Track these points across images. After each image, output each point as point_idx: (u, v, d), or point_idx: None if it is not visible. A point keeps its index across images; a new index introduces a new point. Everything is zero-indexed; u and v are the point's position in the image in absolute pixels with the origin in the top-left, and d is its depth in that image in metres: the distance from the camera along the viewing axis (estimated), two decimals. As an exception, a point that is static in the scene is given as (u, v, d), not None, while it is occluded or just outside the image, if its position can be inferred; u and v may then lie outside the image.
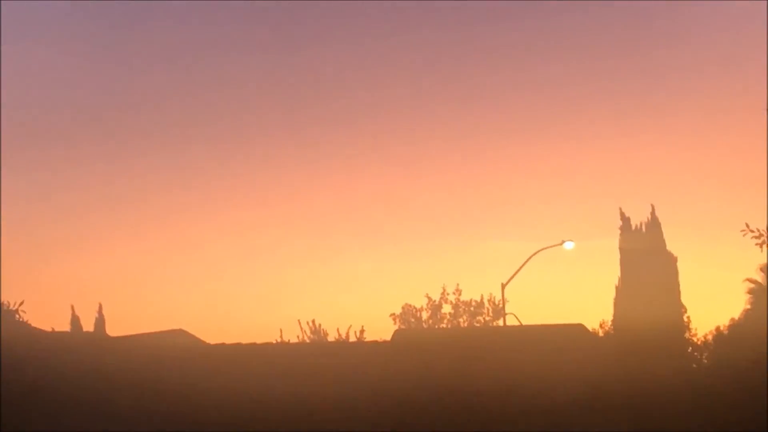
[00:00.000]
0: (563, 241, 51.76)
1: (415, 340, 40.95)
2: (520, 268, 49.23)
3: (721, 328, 53.92)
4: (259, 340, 39.53)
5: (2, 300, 28.57)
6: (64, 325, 49.47)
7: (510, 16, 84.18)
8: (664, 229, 57.40)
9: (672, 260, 56.41)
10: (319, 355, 37.51)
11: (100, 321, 51.03)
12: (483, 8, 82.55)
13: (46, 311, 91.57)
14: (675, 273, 56.19)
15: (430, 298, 55.60)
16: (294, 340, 52.40)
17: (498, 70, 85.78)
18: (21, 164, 77.40)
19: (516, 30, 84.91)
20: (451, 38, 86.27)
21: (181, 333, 36.86)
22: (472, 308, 54.81)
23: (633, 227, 56.94)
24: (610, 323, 55.82)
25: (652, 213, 57.76)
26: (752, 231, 25.40)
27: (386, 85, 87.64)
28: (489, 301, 54.29)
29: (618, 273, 56.45)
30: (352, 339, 51.08)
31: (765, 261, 35.13)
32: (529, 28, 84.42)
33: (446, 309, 54.80)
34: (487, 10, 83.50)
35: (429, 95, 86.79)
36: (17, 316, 30.02)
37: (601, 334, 53.00)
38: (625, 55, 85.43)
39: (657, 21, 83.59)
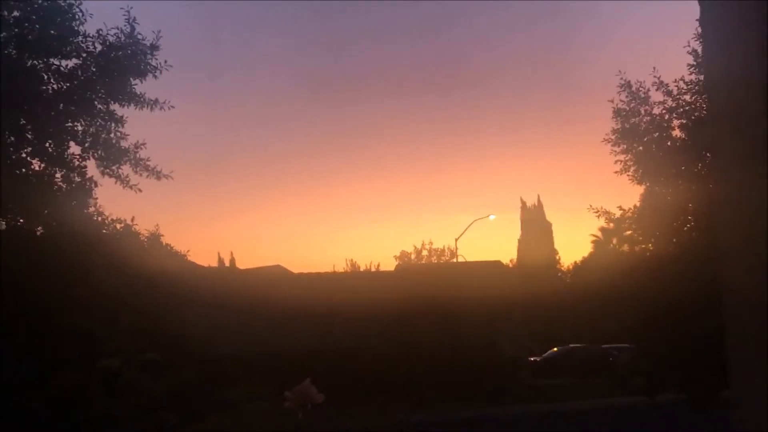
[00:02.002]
0: (489, 215, 56.38)
1: (407, 270, 47.51)
2: (465, 230, 53.80)
3: (577, 263, 61.85)
4: (322, 270, 45.20)
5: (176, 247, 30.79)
6: (213, 262, 55.85)
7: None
8: (545, 208, 66.24)
9: (549, 225, 65.82)
10: (354, 279, 44.33)
11: (233, 261, 57.33)
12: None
13: (206, 254, 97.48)
14: (551, 232, 66.08)
15: (415, 247, 64.89)
16: (341, 269, 60.54)
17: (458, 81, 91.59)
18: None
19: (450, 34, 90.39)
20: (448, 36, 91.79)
21: (278, 267, 41.09)
22: (439, 253, 63.29)
23: (528, 206, 65.86)
24: (515, 260, 64.49)
25: (539, 198, 66.78)
26: (594, 208, 29.41)
27: (395, 88, 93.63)
28: (448, 249, 62.83)
29: (519, 232, 65.40)
30: (373, 269, 58.99)
31: (602, 225, 36.84)
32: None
33: (425, 253, 63.44)
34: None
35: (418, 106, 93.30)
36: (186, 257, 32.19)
37: (511, 266, 60.87)
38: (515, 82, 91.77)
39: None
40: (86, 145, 22.33)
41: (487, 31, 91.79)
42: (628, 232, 31.38)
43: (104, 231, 22.69)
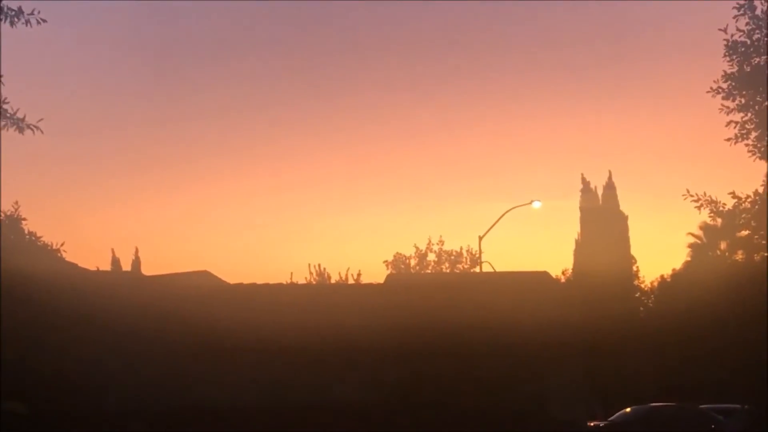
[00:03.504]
0: (532, 201, 57.67)
1: (404, 283, 44.77)
2: (495, 223, 55.00)
3: (665, 277, 61.63)
4: (272, 281, 43.56)
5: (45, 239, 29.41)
6: (105, 266, 55.70)
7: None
8: (618, 192, 66.12)
9: (624, 218, 66.46)
10: (322, 295, 42.23)
11: (136, 262, 57.07)
12: None
13: (90, 253, 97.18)
14: (626, 229, 66.37)
15: (417, 248, 64.49)
16: (302, 281, 60.84)
17: (480, 56, 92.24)
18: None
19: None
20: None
21: (205, 274, 40.24)
22: (452, 257, 62.98)
23: (592, 189, 65.65)
24: (570, 271, 64.53)
25: (609, 178, 67.33)
26: (692, 196, 30.71)
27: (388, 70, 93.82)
28: (467, 251, 62.80)
29: (578, 229, 65.70)
30: (351, 281, 58.81)
31: (704, 220, 36.55)
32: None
33: (431, 257, 63.27)
34: None
35: (420, 80, 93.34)
36: (60, 254, 30.94)
37: (563, 280, 60.88)
38: (587, 47, 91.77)
39: (619, 16, 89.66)
40: None
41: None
42: (745, 232, 31.38)
43: None
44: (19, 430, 19.44)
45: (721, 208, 30.85)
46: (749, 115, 29.38)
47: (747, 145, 29.43)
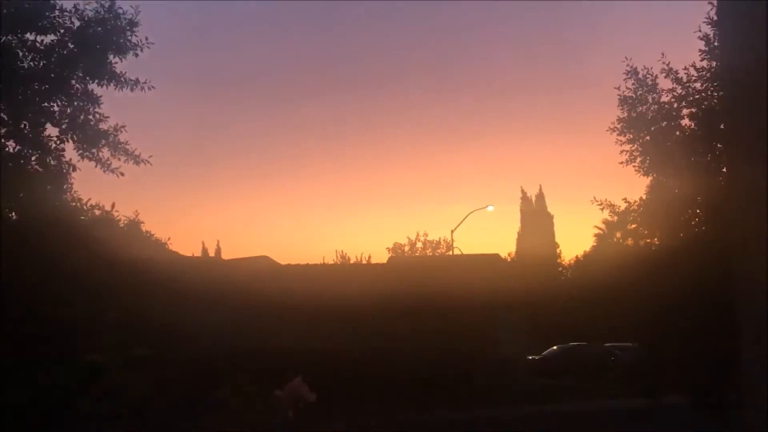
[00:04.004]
0: (487, 205, 57.40)
1: (401, 263, 47.09)
2: (462, 221, 54.38)
3: (579, 257, 61.95)
4: (310, 262, 45.29)
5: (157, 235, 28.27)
6: (197, 252, 55.94)
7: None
8: (546, 199, 66.48)
9: (550, 217, 66.42)
10: (344, 272, 43.64)
11: (218, 250, 57.31)
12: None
13: (187, 243, 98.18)
14: (552, 225, 66.27)
15: (409, 239, 64.69)
16: (330, 261, 60.76)
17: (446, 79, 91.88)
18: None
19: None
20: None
21: (265, 258, 40.84)
22: (434, 245, 63.24)
23: (528, 197, 65.99)
24: (514, 254, 64.64)
25: (540, 189, 67.56)
26: (597, 201, 30.54)
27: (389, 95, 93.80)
28: (444, 240, 62.66)
29: (519, 224, 65.60)
30: (364, 262, 59.04)
31: (605, 218, 37.04)
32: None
33: (419, 245, 63.49)
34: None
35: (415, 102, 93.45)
36: (167, 245, 29.92)
37: (509, 260, 60.90)
38: (531, 91, 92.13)
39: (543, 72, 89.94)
40: (63, 126, 22.44)
41: (490, 17, 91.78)
42: (633, 226, 31.62)
43: (83, 218, 22.70)
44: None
45: (616, 210, 31.14)
46: (635, 146, 29.69)
47: (634, 166, 29.74)
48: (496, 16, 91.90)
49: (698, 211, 29.40)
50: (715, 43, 26.72)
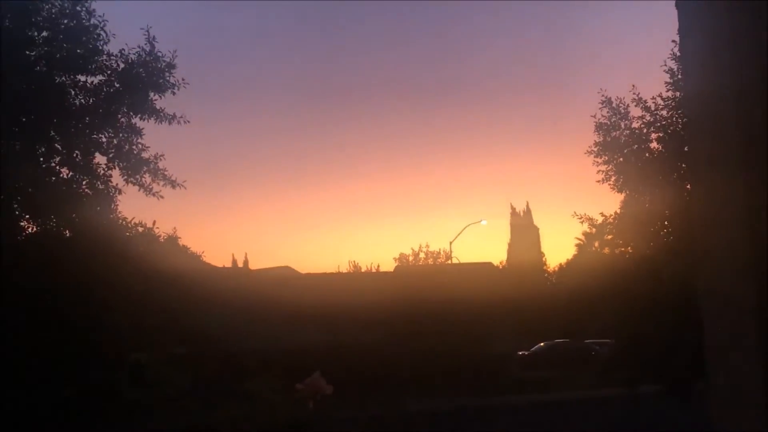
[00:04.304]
0: (481, 220, 57.09)
1: (406, 272, 47.24)
2: (459, 233, 54.22)
3: (562, 264, 61.74)
4: (328, 271, 46.15)
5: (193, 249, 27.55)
6: (228, 263, 56.08)
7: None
8: (533, 214, 66.34)
9: (536, 230, 66.10)
10: (356, 279, 43.91)
11: (246, 261, 57.44)
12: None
13: (218, 254, 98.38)
14: (538, 236, 65.90)
15: (413, 250, 64.52)
16: (344, 270, 60.71)
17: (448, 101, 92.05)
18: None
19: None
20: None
21: (287, 268, 41.45)
22: (435, 255, 63.03)
23: (517, 212, 65.79)
24: (505, 262, 64.39)
25: (527, 205, 67.50)
26: (578, 215, 31.25)
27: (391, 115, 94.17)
28: (443, 251, 62.56)
29: (509, 236, 65.23)
30: (374, 270, 59.05)
31: (585, 230, 37.04)
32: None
33: (422, 255, 63.28)
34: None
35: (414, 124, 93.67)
36: (202, 257, 28.94)
37: (501, 268, 60.72)
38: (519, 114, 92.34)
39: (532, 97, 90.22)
40: (110, 155, 22.68)
41: (479, 44, 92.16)
42: (609, 237, 31.63)
43: (127, 234, 22.77)
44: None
45: (594, 222, 31.22)
46: (610, 166, 29.70)
47: (609, 184, 29.74)
48: (487, 41, 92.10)
49: (666, 223, 29.40)
50: (679, 76, 26.72)
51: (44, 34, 21.99)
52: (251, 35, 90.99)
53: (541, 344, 47.35)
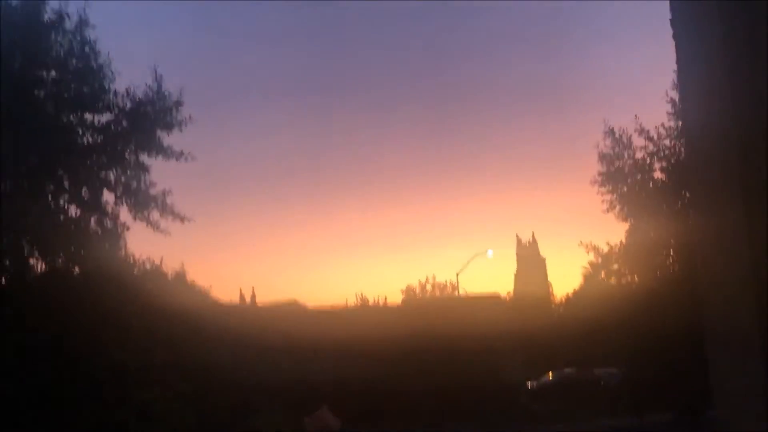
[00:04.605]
0: (488, 250, 54.91)
1: (414, 304, 47.18)
2: (466, 265, 52.85)
3: (569, 294, 61.12)
4: (335, 304, 45.92)
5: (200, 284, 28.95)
6: (235, 298, 55.49)
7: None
8: (539, 244, 66.07)
9: (542, 260, 65.56)
10: (364, 312, 43.65)
11: (253, 296, 56.98)
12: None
13: (226, 289, 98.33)
14: (544, 266, 65.33)
15: (420, 282, 64.07)
16: (352, 303, 58.94)
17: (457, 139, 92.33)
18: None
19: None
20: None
21: (294, 302, 40.90)
22: (441, 287, 62.68)
23: (523, 243, 65.48)
24: (512, 293, 63.89)
25: (533, 236, 66.87)
26: (584, 244, 32.36)
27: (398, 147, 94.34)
28: (449, 283, 62.14)
29: (515, 266, 64.80)
30: (381, 303, 58.60)
31: (591, 259, 36.96)
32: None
33: (428, 287, 62.93)
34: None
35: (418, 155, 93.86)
36: (209, 293, 30.08)
37: (507, 298, 60.24)
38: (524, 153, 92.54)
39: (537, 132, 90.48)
40: (118, 193, 22.72)
41: (485, 76, 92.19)
42: (615, 266, 31.58)
43: (135, 272, 22.81)
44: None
45: (600, 252, 31.28)
46: (614, 196, 29.72)
47: (614, 214, 29.76)
48: (494, 78, 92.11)
49: (671, 252, 29.32)
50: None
51: (53, 74, 22.17)
52: (258, 69, 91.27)
53: (550, 374, 47.03)
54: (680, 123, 27.78)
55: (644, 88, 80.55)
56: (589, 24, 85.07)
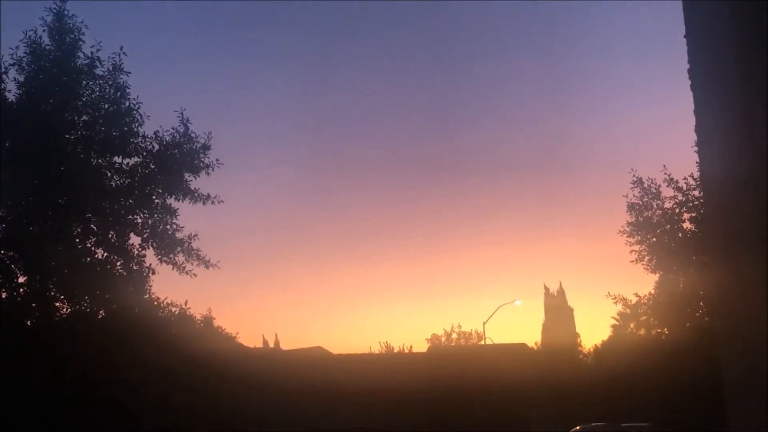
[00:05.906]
0: (515, 300, 54.32)
1: (439, 352, 47.03)
2: (493, 314, 51.77)
3: (598, 345, 60.46)
4: (360, 351, 45.69)
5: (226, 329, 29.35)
6: (258, 344, 55.85)
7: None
8: (566, 294, 65.35)
9: (570, 310, 64.75)
10: (389, 360, 43.58)
11: (277, 342, 57.06)
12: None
13: (251, 336, 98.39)
14: (572, 317, 64.59)
15: (445, 330, 64.13)
16: (376, 350, 60.47)
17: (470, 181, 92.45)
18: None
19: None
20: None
21: (319, 348, 40.95)
22: (467, 335, 62.59)
23: (551, 292, 64.81)
24: (540, 342, 63.20)
25: (560, 285, 66.18)
26: (611, 295, 30.94)
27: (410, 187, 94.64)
28: (475, 332, 62.05)
29: (543, 316, 64.26)
30: (406, 351, 58.51)
31: (620, 310, 36.59)
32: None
33: (454, 336, 62.83)
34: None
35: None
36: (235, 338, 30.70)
37: (535, 348, 59.71)
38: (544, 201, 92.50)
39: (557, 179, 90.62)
40: (145, 236, 22.70)
41: (513, 126, 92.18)
42: (644, 317, 31.19)
43: (160, 314, 22.76)
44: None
45: (629, 303, 30.94)
46: (643, 246, 29.46)
47: (643, 264, 29.47)
48: (523, 128, 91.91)
49: (701, 303, 28.92)
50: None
51: (84, 118, 22.38)
52: (287, 112, 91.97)
53: (577, 428, 46.35)
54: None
55: (673, 138, 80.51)
56: (618, 75, 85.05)
